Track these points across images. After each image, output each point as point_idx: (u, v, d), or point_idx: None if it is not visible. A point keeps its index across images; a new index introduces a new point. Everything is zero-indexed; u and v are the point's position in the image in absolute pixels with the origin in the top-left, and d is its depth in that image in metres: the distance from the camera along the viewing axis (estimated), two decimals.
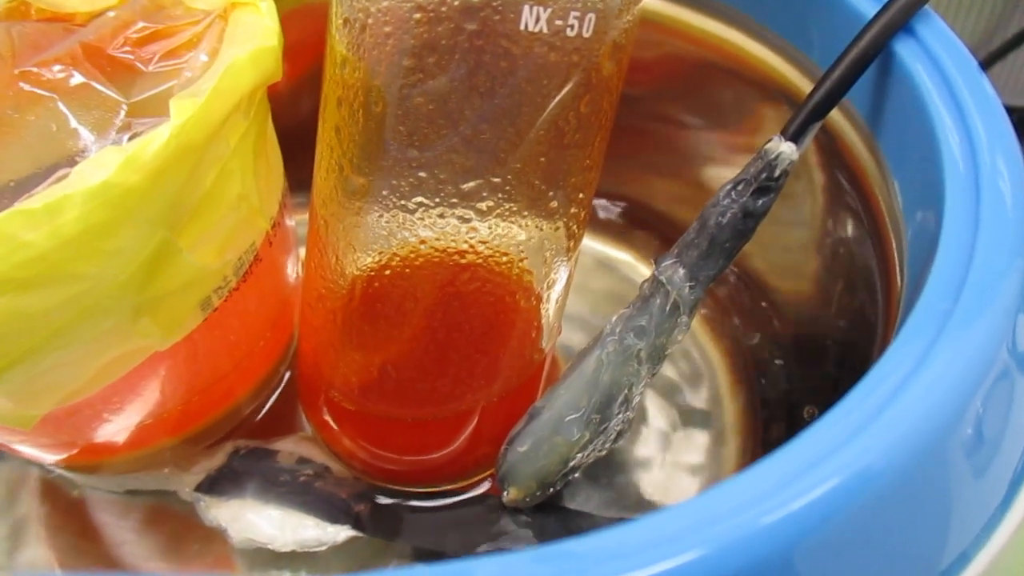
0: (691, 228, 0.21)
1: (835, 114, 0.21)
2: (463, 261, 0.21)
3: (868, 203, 0.21)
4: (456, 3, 0.18)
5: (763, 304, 0.28)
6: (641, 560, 0.12)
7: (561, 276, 0.22)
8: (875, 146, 0.20)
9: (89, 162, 0.17)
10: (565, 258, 0.22)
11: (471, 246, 0.20)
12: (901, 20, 0.19)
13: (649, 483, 0.26)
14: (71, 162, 0.24)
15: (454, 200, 0.20)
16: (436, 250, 0.20)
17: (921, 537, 0.15)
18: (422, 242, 0.20)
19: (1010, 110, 0.18)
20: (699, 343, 0.29)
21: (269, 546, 0.23)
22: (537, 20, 0.18)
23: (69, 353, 0.19)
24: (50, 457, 0.25)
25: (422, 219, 0.20)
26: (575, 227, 0.22)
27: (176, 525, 0.26)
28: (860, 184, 0.21)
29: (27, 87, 0.22)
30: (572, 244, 0.22)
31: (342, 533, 0.24)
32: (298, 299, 0.27)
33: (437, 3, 0.18)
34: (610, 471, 0.27)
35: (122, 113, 0.22)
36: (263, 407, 0.27)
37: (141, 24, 0.23)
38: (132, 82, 0.23)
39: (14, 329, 0.17)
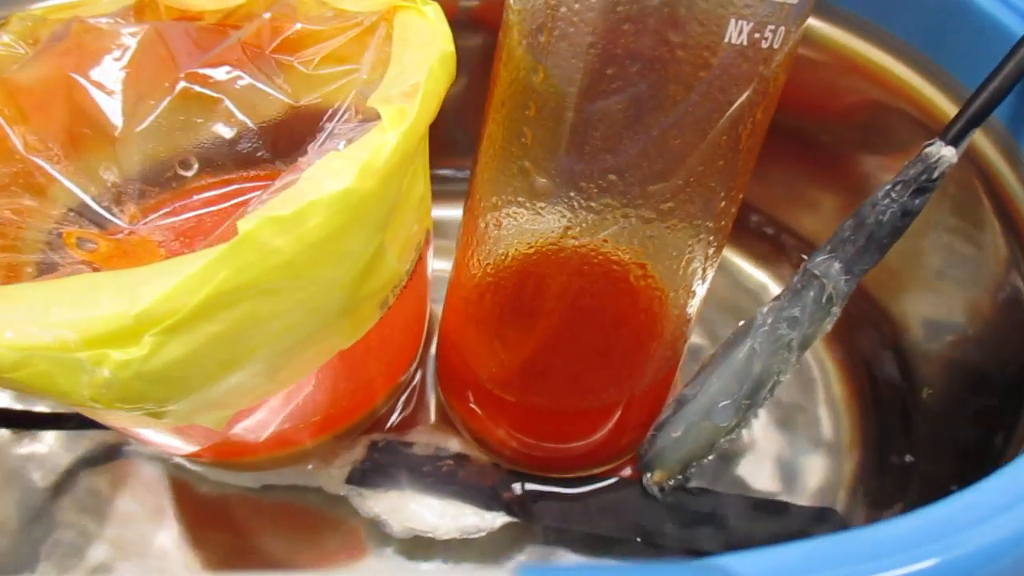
0: (844, 226, 0.22)
1: (985, 144, 0.22)
2: (638, 260, 0.22)
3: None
4: (665, 15, 0.19)
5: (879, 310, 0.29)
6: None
7: (711, 272, 0.24)
8: None
9: (321, 168, 0.18)
10: (718, 255, 0.23)
11: (648, 245, 0.21)
12: None
13: (764, 463, 0.28)
14: (247, 167, 0.24)
15: (639, 202, 0.21)
16: (617, 248, 0.21)
17: None
18: (604, 241, 0.21)
19: None
20: None
21: (431, 534, 0.24)
22: (740, 33, 0.19)
23: (281, 354, 0.19)
24: (188, 449, 0.25)
25: (606, 219, 0.21)
26: (729, 226, 0.23)
27: (311, 519, 0.27)
28: (1012, 217, 0.23)
29: (197, 88, 0.22)
30: (724, 242, 0.23)
31: (498, 519, 0.25)
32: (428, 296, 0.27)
33: (645, 15, 0.19)
34: (729, 452, 0.28)
35: (291, 114, 0.23)
36: (397, 403, 0.28)
37: (299, 26, 0.23)
38: (296, 84, 0.23)
39: (247, 334, 0.18)
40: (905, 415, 0.27)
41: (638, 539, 0.24)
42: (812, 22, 0.27)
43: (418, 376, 0.28)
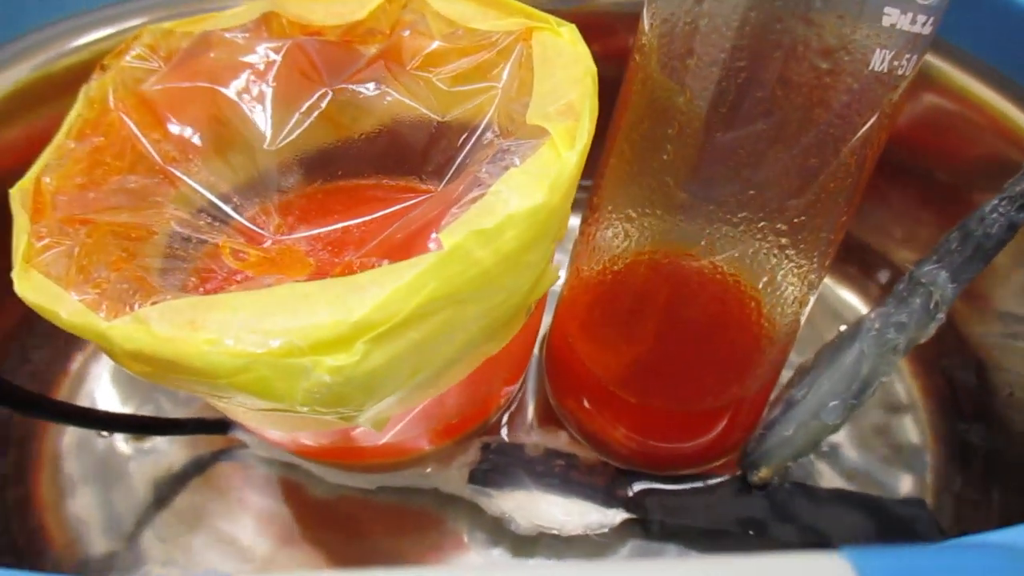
0: (950, 238, 0.24)
1: None
2: (765, 270, 0.23)
3: None
4: (815, 45, 0.20)
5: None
6: None
7: (822, 281, 0.25)
8: None
9: (506, 184, 0.19)
10: (830, 266, 0.25)
11: (777, 257, 0.23)
12: None
13: (848, 460, 0.30)
14: (389, 179, 0.25)
15: (775, 215, 0.22)
16: (747, 257, 0.23)
17: None
18: (738, 254, 0.23)
19: None
20: None
21: (556, 531, 0.25)
22: (882, 61, 0.20)
23: (452, 361, 0.20)
24: (313, 448, 0.25)
25: (744, 232, 0.22)
26: (841, 239, 0.25)
27: (424, 519, 0.28)
28: None
29: (346, 103, 0.23)
30: (835, 254, 0.25)
31: (618, 516, 0.26)
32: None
33: (796, 43, 0.20)
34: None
35: (434, 129, 0.24)
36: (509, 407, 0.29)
37: (437, 44, 0.24)
38: (438, 100, 0.24)
39: (438, 342, 0.19)
40: (985, 414, 0.29)
41: (750, 532, 0.26)
42: None
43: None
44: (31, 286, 0.19)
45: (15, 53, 0.27)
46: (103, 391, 0.31)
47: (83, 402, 0.30)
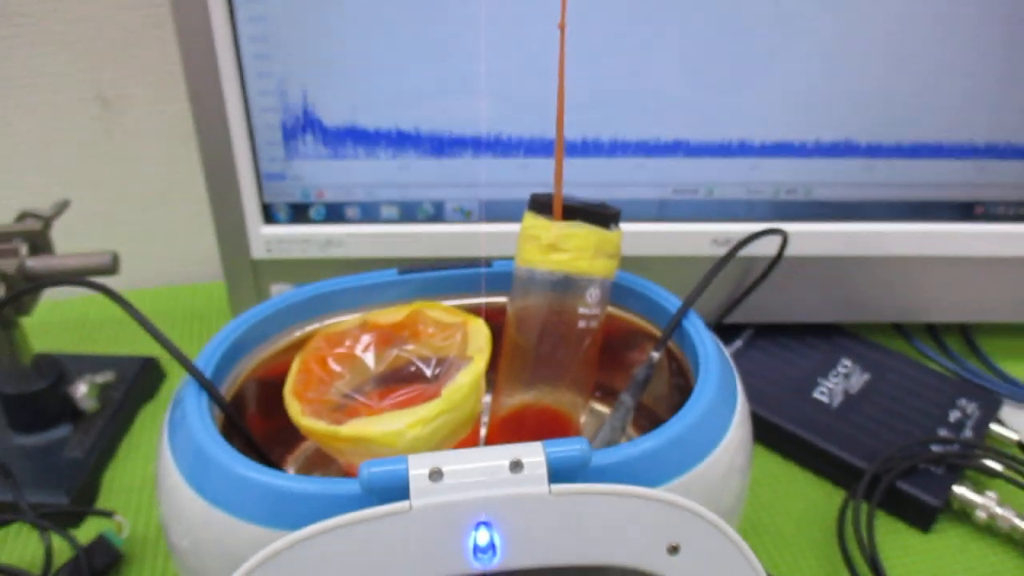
0: (629, 385, 0.63)
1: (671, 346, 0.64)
2: (565, 403, 0.62)
3: (681, 369, 0.63)
4: (556, 316, 0.60)
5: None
6: None
7: (589, 405, 0.63)
8: (682, 356, 0.63)
9: (459, 377, 0.57)
10: (590, 399, 0.63)
11: (565, 395, 0.61)
12: (685, 310, 0.63)
13: None
14: (415, 383, 0.64)
15: (561, 380, 0.61)
16: (559, 399, 0.61)
17: None
18: (553, 398, 0.61)
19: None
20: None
21: None
22: (585, 322, 0.60)
23: (444, 442, 0.58)
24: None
25: (554, 388, 0.61)
26: (592, 386, 0.63)
27: None
28: (680, 365, 0.64)
29: (404, 355, 0.63)
30: (591, 393, 0.63)
31: None
32: None
33: (551, 315, 0.60)
34: None
35: (431, 370, 0.63)
36: None
37: (432, 329, 0.64)
38: (434, 350, 0.63)
39: (439, 431, 0.57)
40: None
41: None
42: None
43: None
44: (306, 424, 0.57)
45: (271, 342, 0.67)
46: None
47: None
